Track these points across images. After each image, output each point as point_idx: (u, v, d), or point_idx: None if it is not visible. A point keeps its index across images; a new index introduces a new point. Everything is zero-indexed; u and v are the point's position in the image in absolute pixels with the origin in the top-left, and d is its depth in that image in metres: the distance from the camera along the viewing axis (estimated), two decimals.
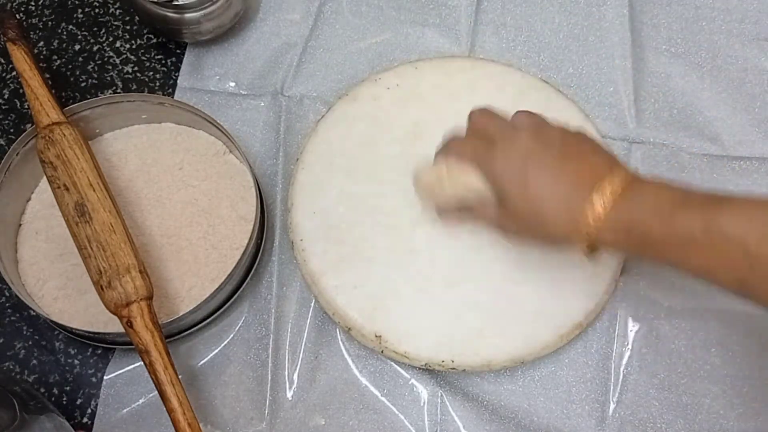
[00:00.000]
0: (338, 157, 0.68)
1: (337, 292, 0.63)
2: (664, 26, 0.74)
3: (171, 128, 0.69)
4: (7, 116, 0.72)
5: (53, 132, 0.61)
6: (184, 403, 0.53)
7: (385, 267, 0.64)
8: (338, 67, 0.73)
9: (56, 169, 0.59)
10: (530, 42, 0.74)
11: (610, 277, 0.64)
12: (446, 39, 0.74)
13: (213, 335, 0.64)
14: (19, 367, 0.63)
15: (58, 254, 0.64)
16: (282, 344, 0.64)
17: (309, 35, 0.74)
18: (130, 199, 0.66)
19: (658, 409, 0.62)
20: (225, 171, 0.67)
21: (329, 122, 0.69)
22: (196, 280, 0.63)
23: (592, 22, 0.74)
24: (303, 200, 0.66)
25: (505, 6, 0.75)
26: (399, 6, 0.75)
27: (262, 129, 0.71)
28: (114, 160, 0.67)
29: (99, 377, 0.63)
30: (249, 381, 0.63)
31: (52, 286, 0.63)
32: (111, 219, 0.58)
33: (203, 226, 0.65)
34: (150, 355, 0.54)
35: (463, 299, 0.63)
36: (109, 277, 0.56)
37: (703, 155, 0.69)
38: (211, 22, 0.70)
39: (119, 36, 0.75)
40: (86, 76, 0.73)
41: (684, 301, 0.64)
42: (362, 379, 0.63)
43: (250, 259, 0.63)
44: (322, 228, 0.65)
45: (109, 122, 0.68)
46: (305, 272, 0.64)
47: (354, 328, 0.62)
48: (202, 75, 0.73)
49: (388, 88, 0.70)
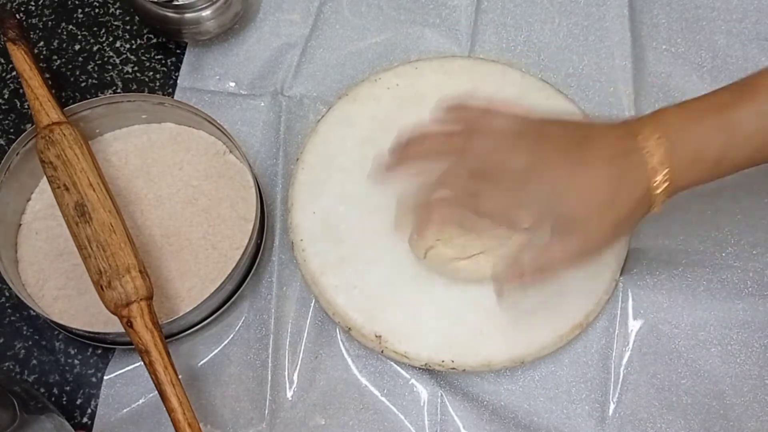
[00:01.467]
0: (338, 157, 0.68)
1: (337, 292, 0.63)
2: (664, 26, 0.74)
3: (171, 128, 0.69)
4: (7, 116, 0.72)
5: (53, 132, 0.61)
6: (184, 403, 0.53)
7: (386, 267, 0.64)
8: (338, 67, 0.73)
9: (56, 169, 0.59)
10: (530, 42, 0.74)
11: (610, 277, 0.64)
12: (446, 39, 0.74)
13: (213, 335, 0.64)
14: (19, 367, 0.63)
15: (57, 254, 0.64)
16: (282, 344, 0.64)
17: (309, 35, 0.74)
18: (130, 199, 0.66)
19: (658, 409, 0.62)
20: (225, 171, 0.67)
21: (329, 122, 0.69)
22: (196, 280, 0.63)
23: (592, 22, 0.74)
24: (303, 200, 0.66)
25: (505, 6, 0.75)
26: (399, 6, 0.75)
27: (262, 129, 0.71)
28: (114, 160, 0.67)
29: (99, 377, 0.63)
30: (249, 381, 0.63)
31: (52, 286, 0.63)
32: (111, 219, 0.58)
33: (203, 226, 0.65)
34: (150, 355, 0.54)
35: (463, 299, 0.63)
36: (109, 277, 0.56)
37: None
38: (211, 22, 0.70)
39: (119, 36, 0.75)
40: (86, 76, 0.73)
41: (684, 301, 0.64)
42: (362, 379, 0.63)
43: (250, 259, 0.63)
44: (322, 228, 0.65)
45: (109, 122, 0.68)
46: (305, 272, 0.64)
47: (354, 328, 0.62)
48: (202, 75, 0.73)
49: (388, 88, 0.70)
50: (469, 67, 0.72)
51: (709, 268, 0.65)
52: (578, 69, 0.73)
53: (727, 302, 0.64)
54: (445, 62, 0.72)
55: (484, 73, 0.71)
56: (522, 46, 0.74)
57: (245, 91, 0.72)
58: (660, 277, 0.65)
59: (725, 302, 0.64)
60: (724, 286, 0.64)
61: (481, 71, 0.71)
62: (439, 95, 0.63)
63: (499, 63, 0.72)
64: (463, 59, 0.73)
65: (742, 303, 0.64)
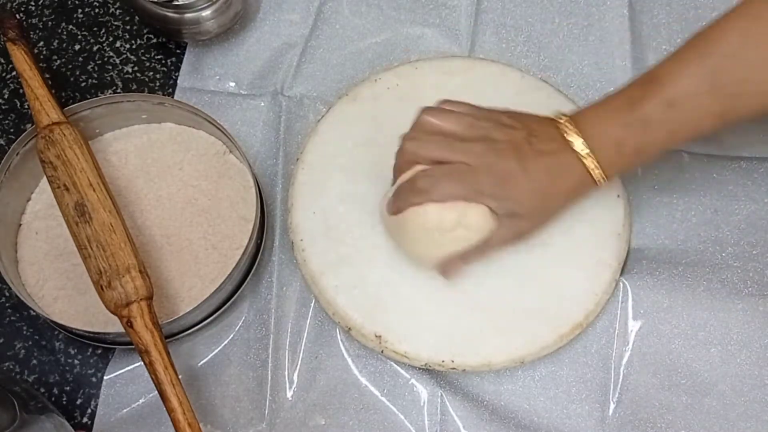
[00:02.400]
0: (338, 157, 0.68)
1: (337, 292, 0.63)
2: (664, 26, 0.74)
3: (171, 128, 0.69)
4: (7, 116, 0.72)
5: (53, 132, 0.61)
6: (184, 403, 0.53)
7: (385, 267, 0.64)
8: (338, 67, 0.73)
9: (56, 169, 0.59)
10: (530, 42, 0.74)
11: (610, 277, 0.64)
12: (446, 39, 0.74)
13: (213, 335, 0.64)
14: (19, 367, 0.63)
15: (57, 254, 0.64)
16: (282, 344, 0.64)
17: (309, 35, 0.74)
18: (130, 199, 0.66)
19: (658, 409, 0.62)
20: (225, 171, 0.67)
21: (329, 122, 0.69)
22: (196, 280, 0.63)
23: (592, 22, 0.74)
24: (303, 200, 0.66)
25: (505, 6, 0.75)
26: (399, 6, 0.75)
27: (262, 129, 0.71)
28: (114, 160, 0.67)
29: (99, 377, 0.63)
30: (249, 381, 0.63)
31: (52, 286, 0.63)
32: (111, 219, 0.58)
33: (203, 226, 0.65)
34: (150, 355, 0.54)
35: (463, 299, 0.63)
36: (109, 277, 0.56)
37: (703, 155, 0.69)
38: (211, 22, 0.70)
39: (119, 36, 0.75)
40: (86, 76, 0.73)
41: (684, 301, 0.64)
42: (362, 379, 0.63)
43: (250, 259, 0.63)
44: (322, 228, 0.65)
45: (109, 122, 0.68)
46: (305, 272, 0.64)
47: (354, 328, 0.62)
48: (202, 75, 0.73)
49: (388, 88, 0.70)
50: (469, 67, 0.72)
51: (709, 268, 0.65)
52: (578, 69, 0.73)
53: (727, 302, 0.64)
54: (446, 62, 0.72)
55: (483, 73, 0.71)
56: (522, 46, 0.74)
57: (245, 91, 0.72)
58: (660, 277, 0.65)
59: (725, 302, 0.64)
60: (724, 286, 0.64)
61: (480, 71, 0.71)
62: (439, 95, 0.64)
63: (499, 63, 0.72)
64: (463, 59, 0.73)
65: (742, 303, 0.64)
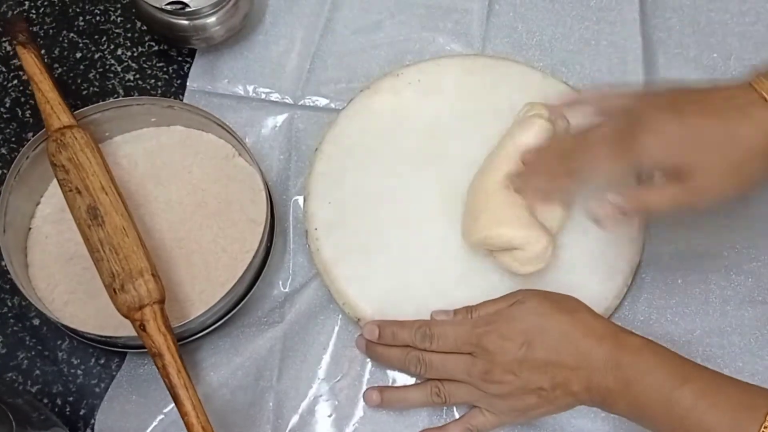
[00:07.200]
0: (357, 148, 0.68)
1: (349, 282, 0.63)
2: (676, 30, 0.74)
3: (180, 131, 0.69)
4: (8, 125, 0.71)
5: (65, 135, 0.60)
6: (197, 406, 0.53)
7: (398, 260, 0.64)
8: (348, 71, 0.73)
9: (68, 173, 0.59)
10: (542, 46, 0.74)
11: (622, 282, 0.64)
12: (458, 44, 0.74)
13: (223, 339, 0.64)
14: (22, 378, 0.63)
15: (68, 258, 0.63)
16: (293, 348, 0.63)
17: (318, 39, 0.74)
18: (139, 203, 0.65)
19: None
20: (235, 174, 0.67)
21: (350, 114, 0.69)
22: (207, 283, 0.63)
23: (603, 26, 0.74)
24: (319, 190, 0.66)
25: (517, 10, 0.75)
26: (411, 10, 0.75)
27: (272, 131, 0.71)
28: (123, 164, 0.67)
29: (102, 387, 0.62)
30: (259, 385, 0.62)
31: (63, 290, 0.63)
32: (123, 222, 0.58)
33: (213, 230, 0.65)
34: (163, 359, 0.54)
35: (472, 295, 0.62)
36: (122, 281, 0.55)
37: None
38: (218, 27, 0.70)
39: (120, 44, 0.74)
40: (88, 84, 0.73)
41: (684, 301, 0.64)
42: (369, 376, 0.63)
43: (260, 262, 0.63)
44: (337, 218, 0.65)
45: (118, 125, 0.68)
46: (318, 261, 0.64)
47: (363, 320, 0.62)
48: (212, 78, 0.73)
49: (409, 83, 0.70)
50: (491, 66, 0.71)
51: (723, 273, 0.65)
52: (590, 73, 0.73)
53: (741, 309, 0.64)
54: (467, 60, 0.72)
55: (504, 72, 0.71)
56: (533, 50, 0.74)
57: (254, 94, 0.72)
58: (672, 283, 0.65)
59: (738, 309, 0.64)
60: (737, 293, 0.65)
61: (502, 70, 0.71)
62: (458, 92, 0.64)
63: (521, 63, 0.72)
64: (485, 58, 0.73)
65: (755, 310, 0.64)
